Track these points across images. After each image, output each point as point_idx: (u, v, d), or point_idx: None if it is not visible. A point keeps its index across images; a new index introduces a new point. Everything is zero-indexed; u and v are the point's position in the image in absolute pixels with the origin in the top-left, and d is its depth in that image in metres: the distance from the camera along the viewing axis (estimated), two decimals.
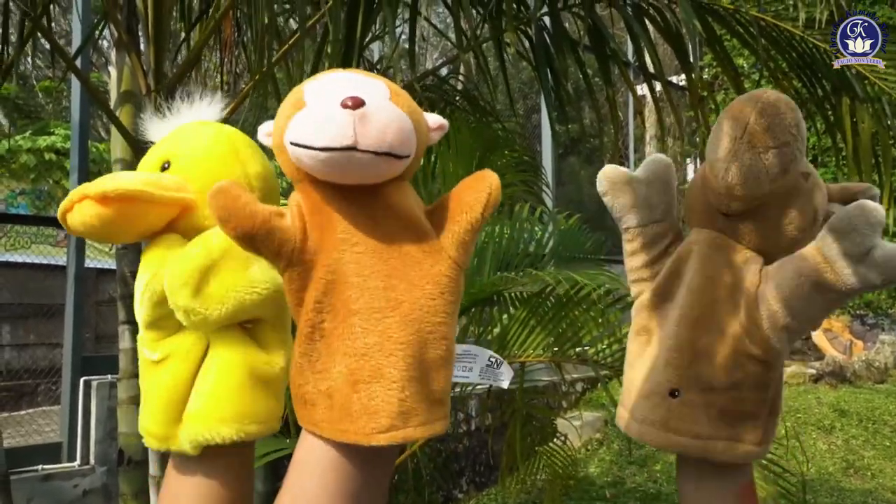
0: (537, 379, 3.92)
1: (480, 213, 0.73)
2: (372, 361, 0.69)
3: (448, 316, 0.72)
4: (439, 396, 0.72)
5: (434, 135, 0.79)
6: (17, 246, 6.74)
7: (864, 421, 5.72)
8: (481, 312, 2.75)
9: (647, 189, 0.92)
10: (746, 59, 6.93)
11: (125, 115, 2.06)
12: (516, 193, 3.06)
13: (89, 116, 3.87)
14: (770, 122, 0.82)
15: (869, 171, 2.35)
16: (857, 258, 0.78)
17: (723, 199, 0.87)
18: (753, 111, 0.82)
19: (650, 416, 0.87)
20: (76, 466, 3.56)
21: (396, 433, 0.69)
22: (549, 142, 6.75)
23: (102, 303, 6.11)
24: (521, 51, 2.57)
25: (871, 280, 0.78)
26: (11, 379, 5.55)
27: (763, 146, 0.81)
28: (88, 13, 3.64)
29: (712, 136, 0.86)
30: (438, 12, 9.14)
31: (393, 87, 0.76)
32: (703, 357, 0.87)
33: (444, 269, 0.73)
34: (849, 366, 7.15)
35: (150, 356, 0.84)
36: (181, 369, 0.84)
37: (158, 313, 0.83)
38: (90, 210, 0.80)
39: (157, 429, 0.83)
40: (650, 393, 0.88)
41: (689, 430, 0.87)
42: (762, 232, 0.88)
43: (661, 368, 0.88)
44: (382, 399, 0.69)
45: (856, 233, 0.78)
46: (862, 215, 0.79)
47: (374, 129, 0.69)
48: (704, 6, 2.46)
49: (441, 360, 0.72)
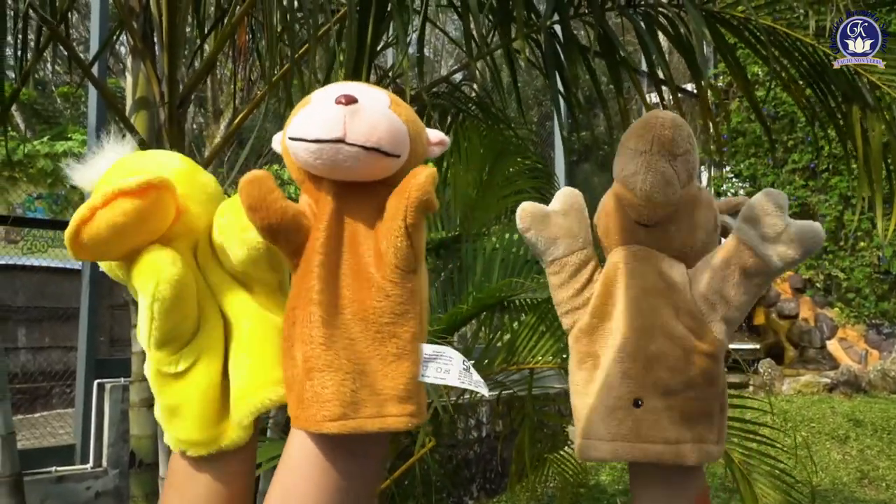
0: (548, 386, 3.91)
1: (402, 220, 0.74)
2: (325, 351, 0.73)
3: (397, 316, 0.75)
4: (394, 392, 0.74)
5: (434, 149, 0.82)
6: (33, 249, 6.82)
7: (879, 431, 5.67)
8: (491, 318, 2.76)
9: (565, 220, 0.95)
10: (762, 67, 6.91)
11: (139, 121, 2.09)
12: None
13: (106, 122, 3.92)
14: (673, 133, 0.89)
15: (880, 179, 2.34)
16: (773, 238, 0.88)
17: (643, 210, 0.93)
18: (657, 127, 0.90)
19: (620, 431, 0.89)
20: (89, 468, 3.60)
21: (347, 422, 0.71)
22: (561, 149, 6.75)
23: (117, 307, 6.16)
24: (532, 58, 2.58)
25: (791, 255, 0.88)
26: (27, 381, 5.62)
27: (671, 154, 0.89)
28: (106, 20, 3.69)
29: (618, 162, 0.92)
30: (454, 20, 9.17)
31: (395, 98, 0.80)
32: (656, 362, 0.90)
33: (386, 273, 0.75)
34: (864, 375, 7.09)
35: (173, 370, 0.82)
36: (213, 368, 0.83)
37: (173, 321, 0.81)
38: (125, 206, 0.77)
39: (203, 435, 0.81)
40: (614, 408, 0.90)
41: (659, 437, 0.89)
42: (678, 238, 0.93)
43: (618, 383, 0.90)
44: (333, 389, 0.72)
45: (768, 216, 0.88)
46: (770, 200, 0.89)
47: (364, 124, 0.73)
48: (716, 15, 2.46)
49: (392, 356, 0.74)
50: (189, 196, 0.86)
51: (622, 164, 0.91)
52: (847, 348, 8.24)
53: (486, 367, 2.56)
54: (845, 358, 8.11)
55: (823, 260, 8.71)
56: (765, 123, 2.95)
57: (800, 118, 8.27)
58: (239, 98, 6.01)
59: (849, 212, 8.44)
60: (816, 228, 0.88)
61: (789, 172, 8.91)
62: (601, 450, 0.90)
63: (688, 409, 0.90)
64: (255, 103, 2.13)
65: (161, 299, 0.79)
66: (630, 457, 0.89)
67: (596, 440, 0.90)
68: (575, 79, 2.40)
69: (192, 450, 0.82)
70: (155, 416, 0.85)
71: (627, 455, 0.89)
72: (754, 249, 0.88)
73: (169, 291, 0.79)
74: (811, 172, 8.80)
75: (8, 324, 5.70)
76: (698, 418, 0.90)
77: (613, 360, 0.91)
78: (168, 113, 1.89)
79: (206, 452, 0.81)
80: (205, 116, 11.99)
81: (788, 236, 0.87)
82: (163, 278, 0.80)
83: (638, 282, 0.93)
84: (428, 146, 0.82)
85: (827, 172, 8.60)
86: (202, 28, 2.61)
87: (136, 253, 0.83)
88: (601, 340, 0.93)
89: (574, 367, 0.96)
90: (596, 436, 0.91)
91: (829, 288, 8.75)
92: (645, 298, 0.92)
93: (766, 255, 0.88)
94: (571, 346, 0.96)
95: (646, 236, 0.95)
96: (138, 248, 0.83)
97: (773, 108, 8.64)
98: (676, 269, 0.93)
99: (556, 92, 2.40)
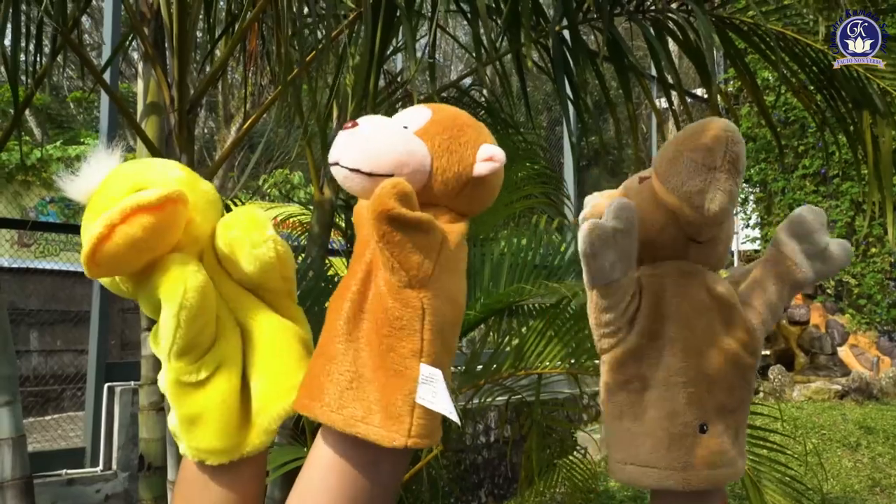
0: (557, 391, 3.90)
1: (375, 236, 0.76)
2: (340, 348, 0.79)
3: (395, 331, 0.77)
4: (382, 405, 0.75)
5: (481, 167, 0.83)
6: (46, 253, 6.86)
7: (891, 438, 5.61)
8: (500, 323, 2.75)
9: (625, 239, 0.87)
10: (771, 72, 6.88)
11: (150, 126, 2.10)
12: (535, 206, 3.06)
13: (118, 127, 3.94)
14: (741, 150, 0.88)
15: (890, 184, 2.32)
16: (816, 255, 0.90)
17: (704, 229, 0.90)
18: (729, 142, 0.85)
19: (690, 460, 0.85)
20: (99, 471, 3.61)
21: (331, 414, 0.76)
22: (570, 154, 6.74)
23: (127, 310, 6.19)
24: (540, 63, 2.58)
25: (828, 271, 0.92)
26: (38, 384, 5.64)
27: (739, 172, 0.88)
28: (118, 26, 3.72)
29: (676, 172, 0.86)
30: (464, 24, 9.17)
31: (437, 118, 0.84)
32: (716, 385, 0.88)
33: (388, 287, 0.79)
34: (875, 382, 7.03)
35: (193, 379, 0.82)
36: (233, 376, 0.83)
37: (198, 328, 0.81)
38: (144, 221, 0.78)
39: (223, 443, 0.81)
40: (681, 436, 0.86)
41: (725, 460, 0.87)
42: (720, 251, 0.95)
43: (683, 409, 0.86)
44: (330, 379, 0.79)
45: (815, 234, 0.90)
46: (816, 219, 0.90)
47: (354, 148, 0.79)
48: (725, 21, 2.46)
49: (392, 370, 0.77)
50: (192, 205, 0.86)
51: (684, 177, 0.85)
52: (858, 355, 8.18)
53: (495, 372, 2.55)
54: (856, 365, 8.04)
55: None
56: (774, 129, 2.94)
57: (810, 123, 8.23)
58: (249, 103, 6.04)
59: (860, 217, 8.38)
60: (847, 247, 0.91)
61: (800, 178, 8.86)
62: (670, 479, 0.86)
63: (738, 423, 0.89)
64: (264, 108, 2.14)
65: (189, 307, 0.80)
66: (703, 485, 0.86)
67: (660, 469, 0.86)
68: (584, 84, 2.40)
69: (212, 458, 0.81)
70: (169, 428, 0.84)
71: (701, 483, 0.85)
72: (801, 266, 0.90)
73: (196, 299, 0.80)
74: (822, 178, 8.75)
75: (20, 327, 5.73)
76: (741, 430, 0.90)
77: (674, 384, 0.87)
78: (178, 118, 1.90)
79: (228, 460, 0.81)
80: (216, 121, 12.06)
81: (829, 254, 0.90)
82: (189, 286, 0.80)
83: (690, 298, 0.90)
84: (472, 164, 0.83)
85: (837, 178, 8.55)
86: (213, 33, 2.63)
87: (148, 267, 0.83)
88: (649, 361, 0.89)
89: (614, 388, 0.92)
90: (659, 465, 0.86)
91: (840, 294, 8.69)
92: (697, 316, 0.89)
93: (810, 271, 0.91)
94: (612, 367, 0.92)
95: (694, 252, 0.92)
96: (151, 262, 0.83)
97: (783, 114, 8.60)
98: (721, 284, 0.91)
99: (566, 97, 2.40)
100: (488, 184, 0.86)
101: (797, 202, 1.72)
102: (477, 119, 1.65)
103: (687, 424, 0.86)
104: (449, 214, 0.84)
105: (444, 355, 0.79)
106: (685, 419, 0.86)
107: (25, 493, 2.21)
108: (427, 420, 0.76)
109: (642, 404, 0.89)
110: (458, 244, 0.82)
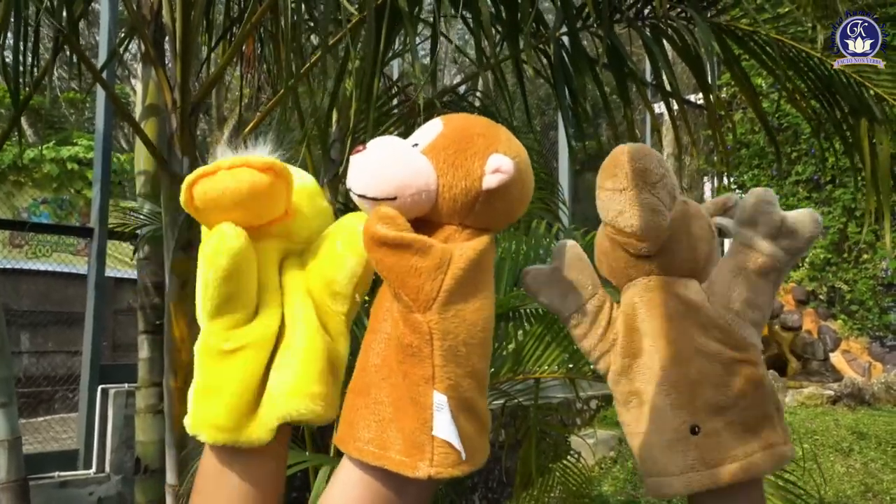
0: (551, 396, 3.91)
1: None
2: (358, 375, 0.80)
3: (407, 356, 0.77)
4: (399, 435, 0.75)
5: (490, 179, 0.79)
6: (38, 254, 6.83)
7: (884, 444, 5.64)
8: (496, 328, 2.76)
9: (569, 273, 0.96)
10: (765, 78, 6.92)
11: (149, 127, 2.10)
12: (533, 210, 3.07)
13: (113, 128, 3.93)
14: (644, 164, 0.90)
15: (888, 191, 2.34)
16: (774, 234, 0.90)
17: (640, 245, 0.94)
18: (626, 162, 0.90)
19: (687, 462, 0.88)
20: (92, 474, 3.59)
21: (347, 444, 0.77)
22: (566, 159, 6.77)
23: (120, 312, 6.16)
24: (540, 69, 2.59)
25: (796, 245, 0.90)
26: (30, 385, 5.62)
27: (649, 184, 0.90)
28: (115, 28, 3.72)
29: (601, 204, 0.93)
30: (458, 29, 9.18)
31: (446, 131, 0.82)
32: (699, 385, 0.89)
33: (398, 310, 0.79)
34: (867, 388, 7.07)
35: (221, 346, 0.83)
36: (259, 358, 0.83)
37: (228, 290, 0.81)
38: (244, 175, 0.80)
39: (228, 420, 0.81)
40: (673, 442, 0.89)
41: (727, 456, 0.88)
42: (682, 257, 0.94)
43: (670, 415, 0.89)
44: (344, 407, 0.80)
45: (764, 214, 0.90)
46: (761, 199, 0.91)
47: (361, 172, 0.79)
48: (722, 27, 2.47)
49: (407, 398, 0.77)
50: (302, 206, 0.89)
51: (606, 206, 0.92)
52: (850, 361, 8.22)
53: (493, 376, 2.56)
54: (849, 370, 8.09)
55: (827, 272, 8.71)
56: (771, 134, 2.96)
57: (804, 130, 8.28)
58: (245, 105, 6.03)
59: (852, 224, 8.43)
60: (811, 214, 0.90)
61: (792, 184, 8.92)
62: (674, 486, 0.88)
63: (746, 419, 0.89)
64: (265, 112, 2.14)
65: (217, 267, 0.81)
66: (704, 485, 0.87)
67: (665, 477, 0.89)
68: (583, 89, 2.41)
69: (211, 434, 0.81)
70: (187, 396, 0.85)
71: (702, 484, 0.86)
72: (761, 250, 0.89)
73: (226, 262, 0.81)
74: (814, 184, 8.81)
75: (12, 328, 5.70)
76: (760, 424, 0.89)
77: (658, 393, 0.90)
78: (180, 120, 1.90)
79: (223, 441, 0.81)
80: (209, 123, 12.03)
81: (787, 228, 0.89)
82: (224, 248, 0.81)
83: (658, 311, 0.93)
84: (480, 177, 0.79)
85: (830, 185, 8.60)
86: (210, 36, 2.63)
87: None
88: (639, 377, 0.93)
89: (621, 409, 0.96)
90: (664, 472, 0.89)
91: (832, 300, 8.74)
92: (671, 325, 0.92)
93: (772, 252, 0.89)
94: (613, 389, 0.96)
95: (651, 266, 0.95)
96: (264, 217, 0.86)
97: (776, 120, 8.66)
98: (691, 288, 0.93)
99: (564, 102, 2.40)
100: (504, 196, 0.81)
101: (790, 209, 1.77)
102: None
103: (676, 430, 0.88)
104: (466, 232, 0.80)
105: (465, 378, 0.76)
106: (674, 425, 0.89)
107: (21, 495, 2.20)
108: (448, 449, 0.74)
109: (642, 419, 0.92)
110: (475, 261, 0.78)
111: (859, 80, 2.36)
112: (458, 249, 0.77)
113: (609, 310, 0.96)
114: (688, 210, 0.93)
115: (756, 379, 0.90)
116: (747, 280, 0.90)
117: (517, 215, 0.87)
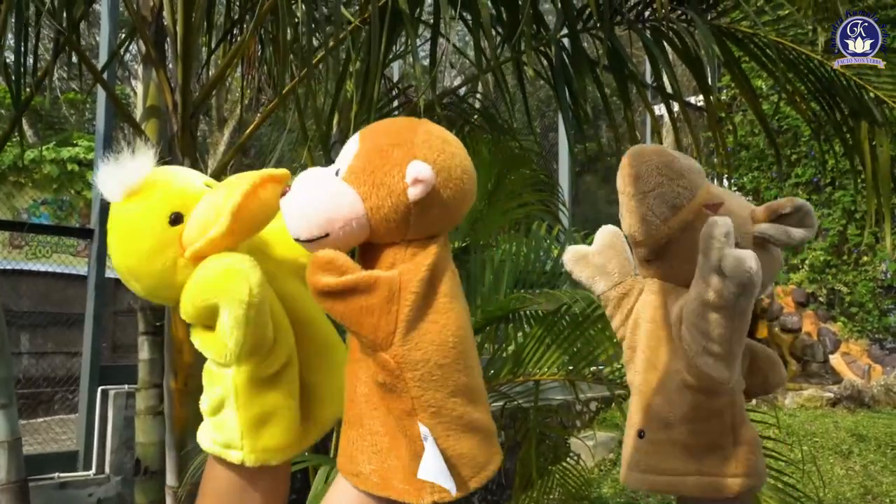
0: (551, 398, 3.90)
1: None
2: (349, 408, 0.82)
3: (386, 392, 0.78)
4: (399, 466, 0.76)
5: (412, 191, 0.75)
6: (37, 255, 6.82)
7: (883, 446, 5.64)
8: (496, 330, 2.75)
9: (599, 258, 1.02)
10: (765, 80, 6.92)
11: (150, 129, 2.10)
12: (533, 212, 3.07)
13: (114, 128, 3.93)
14: (637, 170, 0.92)
15: (888, 193, 2.34)
16: (717, 270, 0.84)
17: (637, 249, 0.96)
18: (624, 166, 0.92)
19: (631, 461, 0.95)
20: (91, 475, 3.59)
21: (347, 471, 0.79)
22: (566, 161, 6.76)
23: (120, 313, 6.15)
24: (540, 71, 2.60)
25: (729, 289, 0.84)
26: (29, 387, 5.60)
27: (640, 192, 0.90)
28: (115, 29, 3.72)
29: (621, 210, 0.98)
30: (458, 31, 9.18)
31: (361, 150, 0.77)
32: (655, 394, 0.91)
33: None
34: (867, 390, 7.06)
35: (265, 374, 0.80)
36: (297, 367, 0.84)
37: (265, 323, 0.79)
38: (275, 191, 0.81)
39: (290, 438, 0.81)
40: (628, 438, 0.95)
41: (658, 468, 0.91)
42: (683, 269, 0.93)
43: (632, 415, 0.95)
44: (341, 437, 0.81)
45: (709, 249, 0.85)
46: (707, 231, 0.86)
47: (287, 217, 0.78)
48: (723, 29, 2.47)
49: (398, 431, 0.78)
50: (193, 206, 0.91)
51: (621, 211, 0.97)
52: (850, 363, 8.22)
53: (492, 379, 2.56)
54: (848, 373, 8.08)
55: (826, 274, 8.70)
56: (771, 136, 2.96)
57: (804, 132, 8.27)
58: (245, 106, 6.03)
59: (852, 226, 8.43)
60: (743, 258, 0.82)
61: (792, 186, 8.91)
62: (624, 477, 0.96)
63: (690, 441, 0.90)
64: (266, 114, 2.14)
65: (256, 304, 0.78)
66: (638, 486, 0.93)
67: (625, 468, 0.96)
68: (583, 91, 2.41)
69: (277, 457, 0.80)
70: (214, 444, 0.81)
71: (637, 484, 0.93)
72: (709, 283, 0.85)
73: (261, 295, 0.78)
74: (814, 186, 8.80)
75: (11, 329, 5.69)
76: (704, 452, 0.90)
77: (633, 392, 0.96)
78: (181, 122, 1.90)
79: (291, 455, 0.81)
80: (208, 124, 12.02)
81: (725, 270, 0.84)
82: (254, 283, 0.78)
83: (653, 315, 0.96)
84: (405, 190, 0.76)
85: (830, 187, 8.60)
86: (210, 38, 2.63)
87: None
88: (632, 370, 0.99)
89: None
90: (623, 463, 0.96)
91: (832, 302, 8.73)
92: (654, 332, 0.95)
93: (716, 289, 0.84)
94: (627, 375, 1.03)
95: (654, 269, 0.96)
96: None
97: (776, 122, 8.65)
98: (677, 304, 0.93)
99: (565, 104, 2.41)
100: (437, 201, 0.75)
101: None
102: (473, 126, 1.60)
103: (632, 427, 0.95)
104: (412, 247, 0.77)
105: (448, 399, 0.75)
106: (631, 422, 0.95)
107: (21, 496, 2.20)
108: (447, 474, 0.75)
109: (631, 410, 0.99)
110: (426, 280, 0.74)
111: (859, 82, 2.36)
112: (405, 273, 0.74)
113: (634, 299, 1.00)
114: (694, 224, 0.93)
115: (705, 409, 0.90)
116: (700, 311, 0.86)
117: (462, 213, 0.82)
